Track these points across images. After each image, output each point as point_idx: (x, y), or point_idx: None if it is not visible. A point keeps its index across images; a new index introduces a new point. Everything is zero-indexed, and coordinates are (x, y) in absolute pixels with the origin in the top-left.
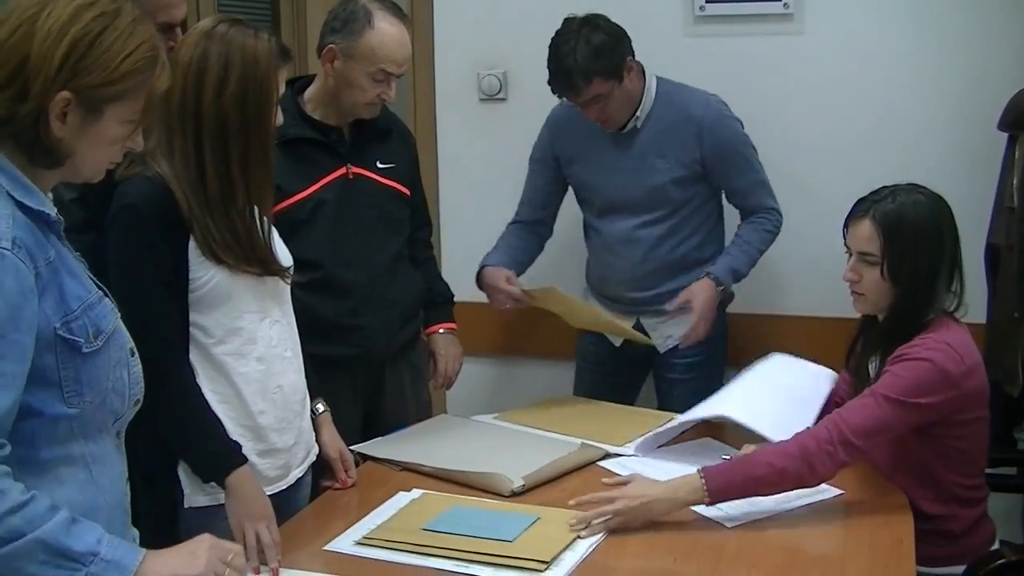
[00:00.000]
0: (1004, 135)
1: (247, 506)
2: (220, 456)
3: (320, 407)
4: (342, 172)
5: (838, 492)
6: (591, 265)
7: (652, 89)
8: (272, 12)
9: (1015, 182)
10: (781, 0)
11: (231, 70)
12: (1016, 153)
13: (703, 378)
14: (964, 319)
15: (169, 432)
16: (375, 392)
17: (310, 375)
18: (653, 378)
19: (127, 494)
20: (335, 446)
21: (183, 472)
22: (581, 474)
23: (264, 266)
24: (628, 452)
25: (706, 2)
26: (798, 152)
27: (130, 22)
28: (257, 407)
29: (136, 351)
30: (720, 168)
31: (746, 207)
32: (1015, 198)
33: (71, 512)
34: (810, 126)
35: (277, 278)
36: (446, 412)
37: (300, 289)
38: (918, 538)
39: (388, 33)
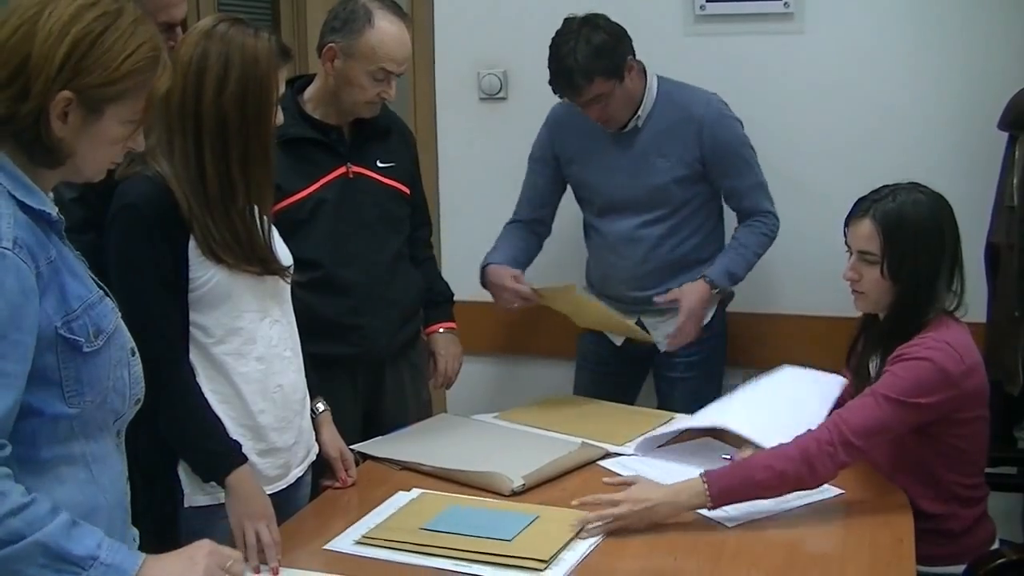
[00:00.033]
0: (1004, 135)
1: (247, 505)
2: (220, 455)
3: (320, 406)
4: (342, 171)
5: (838, 492)
6: (591, 265)
7: (653, 88)
8: (272, 11)
9: (1015, 181)
10: (781, 0)
11: (231, 69)
12: (1016, 153)
13: (703, 377)
14: (964, 318)
15: (169, 431)
16: (375, 391)
17: (310, 374)
18: (653, 377)
19: (127, 493)
20: (335, 445)
21: (183, 472)
22: (581, 473)
23: (264, 265)
24: (628, 451)
25: (706, 1)
26: (798, 151)
27: (132, 22)
28: (257, 406)
29: (137, 351)
30: (718, 168)
31: (742, 209)
32: (1015, 197)
33: (72, 513)
34: (810, 125)
35: (277, 277)
36: (446, 411)
37: (300, 288)
38: (918, 537)
39: (388, 32)
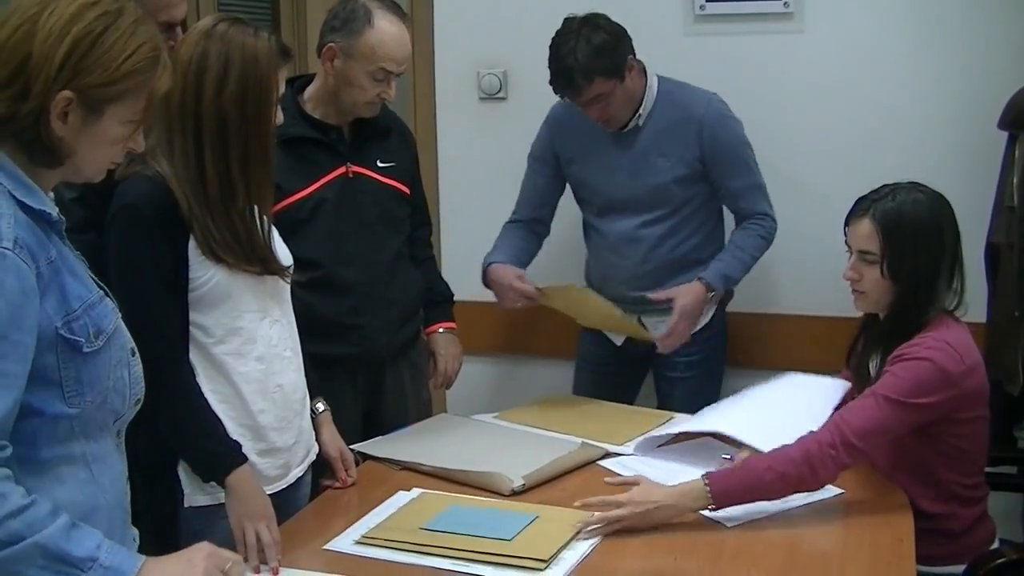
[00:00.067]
0: (1004, 134)
1: (247, 505)
2: (220, 455)
3: (320, 406)
4: (342, 171)
5: (838, 491)
6: (591, 265)
7: (653, 88)
8: (272, 11)
9: (1015, 181)
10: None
11: (231, 69)
12: (1016, 152)
13: (703, 377)
14: (964, 318)
15: (169, 431)
16: (375, 391)
17: (310, 374)
18: (653, 377)
19: (127, 493)
20: (335, 445)
21: (183, 472)
22: (581, 473)
23: (264, 265)
24: (628, 451)
25: (706, 1)
26: (798, 151)
27: (132, 22)
28: (257, 406)
29: (137, 351)
30: (717, 168)
31: (740, 210)
32: (1015, 197)
33: (72, 513)
34: (810, 125)
35: (277, 277)
36: (446, 411)
37: (300, 288)
38: (918, 537)
39: (388, 32)
